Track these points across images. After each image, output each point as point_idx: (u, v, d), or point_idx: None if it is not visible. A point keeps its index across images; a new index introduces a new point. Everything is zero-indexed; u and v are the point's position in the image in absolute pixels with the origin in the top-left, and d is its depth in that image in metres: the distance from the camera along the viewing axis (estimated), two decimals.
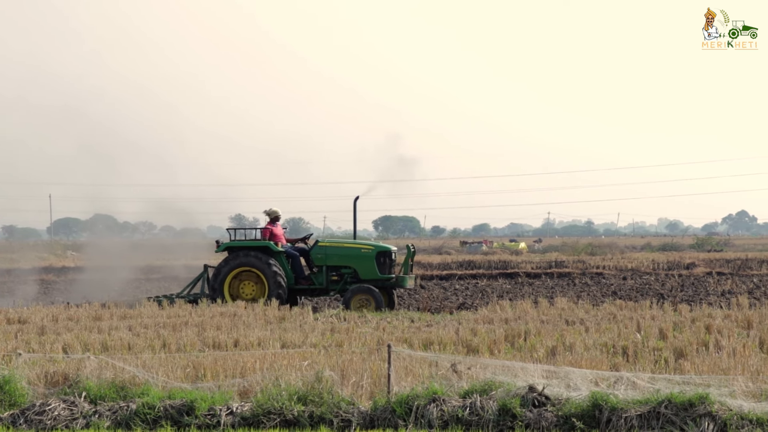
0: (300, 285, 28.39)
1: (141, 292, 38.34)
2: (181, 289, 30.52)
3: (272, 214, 28.77)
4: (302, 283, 28.41)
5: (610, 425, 12.05)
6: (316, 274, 28.52)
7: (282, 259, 28.09)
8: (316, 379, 13.29)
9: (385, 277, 28.14)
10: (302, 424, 12.70)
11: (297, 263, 28.48)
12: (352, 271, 28.28)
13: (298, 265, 28.47)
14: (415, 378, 13.91)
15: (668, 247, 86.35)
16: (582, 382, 13.10)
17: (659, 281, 39.09)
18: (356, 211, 29.39)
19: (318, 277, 28.43)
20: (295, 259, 28.44)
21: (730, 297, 28.90)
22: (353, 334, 20.24)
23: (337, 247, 28.80)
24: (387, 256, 28.50)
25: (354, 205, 29.36)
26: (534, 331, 19.74)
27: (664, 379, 13.11)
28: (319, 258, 28.45)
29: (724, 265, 49.11)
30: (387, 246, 29.12)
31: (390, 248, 28.88)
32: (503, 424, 12.34)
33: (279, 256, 28.09)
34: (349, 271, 28.30)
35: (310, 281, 28.46)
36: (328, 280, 28.38)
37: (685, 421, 11.86)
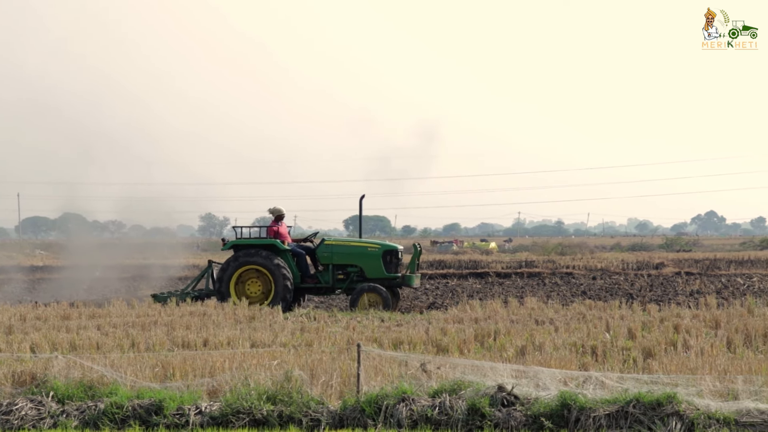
0: (306, 284, 28.25)
1: (110, 291, 38.17)
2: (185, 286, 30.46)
3: (276, 213, 28.68)
4: (308, 282, 28.27)
5: (578, 425, 12.09)
6: (322, 273, 28.40)
7: (288, 258, 27.94)
8: (285, 379, 13.27)
9: (391, 276, 28.06)
10: (271, 423, 12.68)
11: (303, 262, 28.33)
12: (358, 270, 28.18)
13: (303, 264, 28.33)
14: (385, 377, 13.90)
15: (637, 247, 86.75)
16: (551, 381, 13.13)
17: (628, 281, 39.24)
18: (362, 210, 29.33)
19: (324, 276, 28.31)
20: (300, 258, 28.29)
21: (698, 297, 29.04)
22: (323, 333, 20.22)
23: (344, 246, 28.73)
24: (393, 254, 28.44)
25: (360, 204, 29.29)
26: (504, 330, 19.78)
27: (633, 378, 13.17)
28: (325, 256, 28.33)
29: (693, 265, 49.33)
30: (394, 245, 29.05)
31: (397, 247, 28.83)
32: (472, 423, 12.36)
33: (285, 255, 27.93)
34: (356, 269, 28.20)
35: (316, 280, 28.33)
36: (334, 279, 28.26)
37: (653, 421, 11.91)
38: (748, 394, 12.39)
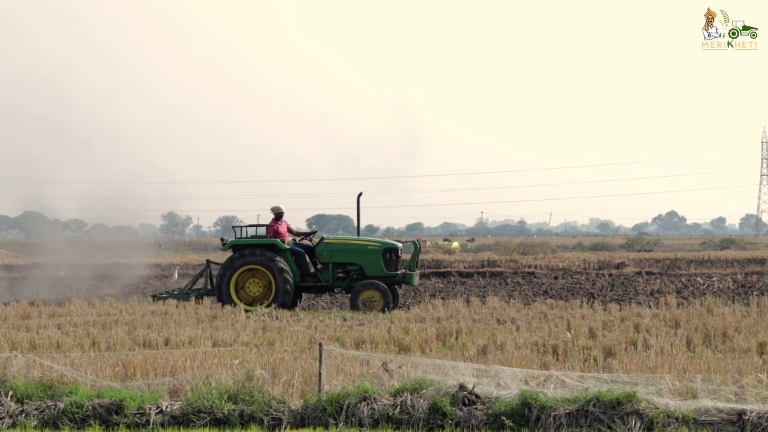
0: (306, 282, 28.11)
1: (72, 290, 37.95)
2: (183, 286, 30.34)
3: (275, 211, 28.58)
4: (308, 281, 28.13)
5: (539, 423, 12.14)
6: (322, 271, 28.26)
7: (288, 257, 27.80)
8: (246, 378, 13.24)
9: (391, 274, 27.95)
10: (232, 422, 12.65)
11: (302, 260, 28.18)
12: (358, 268, 28.05)
13: (303, 263, 28.19)
14: (347, 377, 13.91)
15: (599, 247, 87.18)
16: (512, 380, 13.17)
17: (590, 281, 39.43)
18: (360, 208, 29.25)
19: (323, 274, 28.17)
20: (300, 257, 28.14)
21: (658, 296, 29.23)
22: (285, 332, 20.21)
23: (343, 244, 28.64)
24: (393, 252, 28.36)
25: (357, 202, 29.21)
26: (465, 329, 19.83)
27: (593, 377, 13.23)
28: (324, 255, 28.19)
29: (654, 264, 49.65)
30: (393, 242, 28.98)
31: (396, 245, 28.76)
32: (433, 422, 12.39)
33: (285, 254, 27.79)
34: (355, 267, 28.07)
35: (316, 278, 28.19)
36: (334, 277, 28.11)
37: (613, 419, 11.98)
38: (707, 393, 12.48)
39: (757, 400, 12.26)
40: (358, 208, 29.19)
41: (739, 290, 32.65)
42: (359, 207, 29.11)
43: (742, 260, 52.67)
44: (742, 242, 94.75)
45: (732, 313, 22.52)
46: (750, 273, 42.68)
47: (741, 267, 47.12)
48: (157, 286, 38.69)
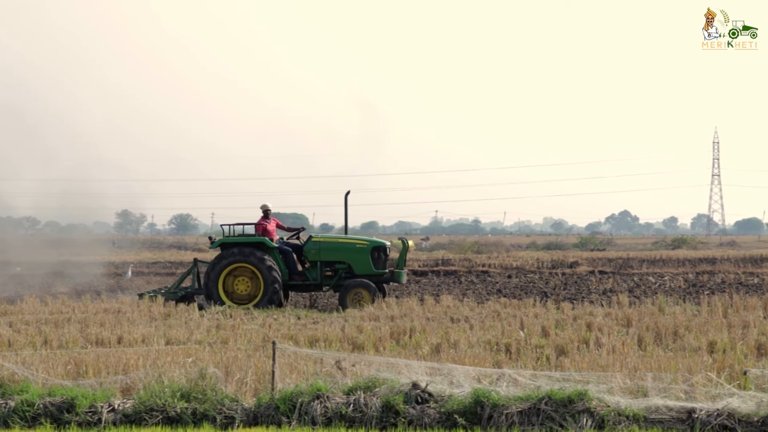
0: (294, 281, 28.01)
1: (23, 288, 37.64)
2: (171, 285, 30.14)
3: (263, 209, 28.47)
4: (296, 279, 28.03)
5: (491, 422, 12.20)
6: (310, 270, 28.19)
7: (276, 255, 27.70)
8: (199, 376, 13.21)
9: (379, 272, 27.97)
10: (185, 421, 12.62)
11: (290, 259, 28.07)
12: (346, 267, 28.03)
13: (291, 261, 28.07)
14: (300, 375, 13.92)
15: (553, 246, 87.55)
16: (465, 378, 13.23)
17: (543, 279, 39.62)
18: (347, 206, 29.15)
19: (312, 273, 28.09)
20: (288, 255, 28.04)
21: (611, 295, 29.42)
22: (239, 330, 20.18)
23: (331, 242, 28.54)
24: (381, 250, 28.37)
25: (345, 200, 29.11)
26: (419, 328, 19.88)
27: (545, 376, 13.31)
28: (312, 253, 28.12)
29: (606, 264, 49.96)
30: (382, 241, 28.99)
31: (385, 243, 28.76)
32: (386, 420, 12.42)
33: (273, 252, 27.70)
34: (344, 266, 28.04)
35: (304, 277, 28.12)
36: (322, 276, 28.05)
37: (565, 418, 12.07)
38: (657, 391, 12.60)
39: (706, 399, 12.39)
40: (345, 207, 29.14)
41: (690, 289, 32.93)
42: (347, 205, 29.07)
43: (693, 260, 53.16)
44: (693, 242, 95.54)
45: (683, 312, 22.73)
46: (701, 272, 43.05)
47: (692, 266, 47.53)
48: (111, 284, 38.45)
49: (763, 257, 54.88)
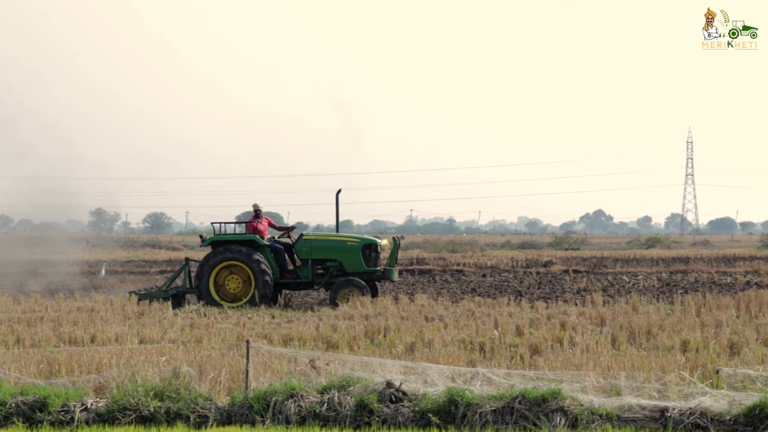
0: (285, 279, 27.99)
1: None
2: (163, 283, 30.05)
3: (255, 208, 28.41)
4: (287, 277, 28.02)
5: (465, 420, 12.21)
6: (301, 268, 28.17)
7: (267, 253, 27.66)
8: (173, 375, 13.17)
9: (371, 270, 27.99)
10: (158, 420, 12.58)
11: (281, 257, 28.05)
12: (337, 264, 28.03)
13: (282, 259, 28.06)
14: (274, 374, 13.90)
15: (527, 245, 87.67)
16: (439, 377, 13.24)
17: (517, 278, 39.69)
18: (338, 204, 29.09)
19: (303, 271, 28.08)
20: (279, 253, 28.02)
21: (585, 294, 29.50)
22: (213, 329, 20.15)
23: (323, 240, 28.48)
24: (373, 248, 28.41)
25: (336, 198, 29.05)
26: (394, 327, 19.89)
27: (519, 375, 13.34)
28: (304, 251, 28.10)
29: (581, 263, 50.10)
30: (373, 238, 29.01)
31: (376, 241, 28.79)
32: (360, 419, 12.41)
33: (264, 250, 27.66)
34: (335, 264, 28.03)
35: (296, 275, 28.09)
36: (314, 274, 28.03)
37: (538, 416, 12.09)
38: (631, 390, 12.64)
39: (679, 398, 12.44)
40: (336, 205, 29.12)
41: (663, 289, 33.06)
42: (338, 203, 29.04)
43: (667, 259, 53.37)
44: (667, 241, 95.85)
45: (656, 311, 22.82)
46: (674, 272, 43.21)
47: (666, 266, 47.71)
48: (84, 283, 38.30)
49: (736, 257, 55.17)
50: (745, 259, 52.54)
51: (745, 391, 12.65)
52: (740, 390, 12.91)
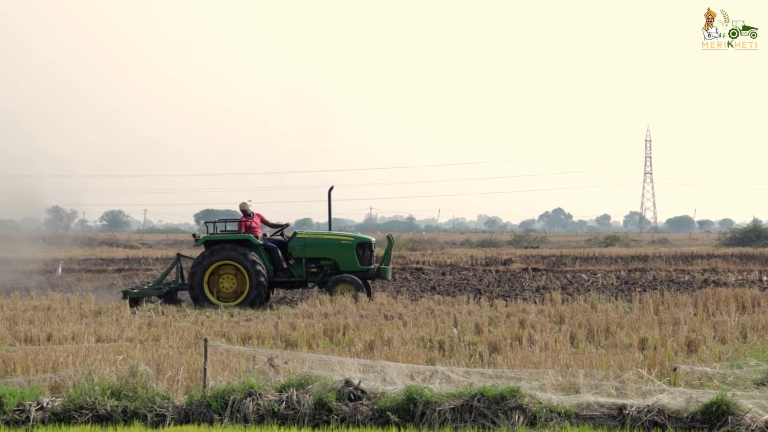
0: (279, 278, 27.80)
1: None
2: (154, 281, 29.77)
3: (242, 208, 28.22)
4: (281, 276, 27.82)
5: (424, 418, 12.19)
6: (295, 267, 28.00)
7: (261, 252, 27.48)
8: (130, 374, 13.07)
9: (365, 269, 27.89)
10: (115, 419, 12.47)
11: (275, 256, 27.85)
12: (331, 263, 27.88)
13: (276, 258, 27.85)
14: (232, 372, 13.83)
15: (487, 244, 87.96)
16: (398, 376, 13.22)
17: (477, 277, 39.75)
18: (331, 202, 28.95)
19: (297, 270, 27.89)
20: (273, 252, 27.83)
21: (544, 292, 29.58)
22: (171, 328, 20.04)
23: (316, 239, 28.31)
24: (367, 247, 28.28)
25: (329, 196, 28.93)
26: (353, 325, 19.86)
27: (478, 372, 13.34)
28: (297, 250, 27.93)
29: (540, 261, 50.29)
30: (367, 237, 28.86)
31: (370, 239, 28.67)
32: (319, 418, 12.36)
33: (258, 249, 27.48)
34: (329, 262, 27.88)
35: (289, 273, 27.90)
36: (308, 272, 27.87)
37: (497, 414, 12.09)
38: (589, 387, 12.68)
39: (637, 395, 12.49)
40: (329, 202, 29.02)
41: (622, 287, 33.21)
42: (330, 201, 28.96)
43: (625, 257, 53.66)
44: (626, 239, 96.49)
45: (615, 309, 22.92)
46: (633, 270, 43.45)
47: (624, 264, 47.98)
48: (41, 281, 37.99)
49: (694, 255, 55.56)
50: (702, 257, 52.91)
51: (702, 389, 12.73)
52: (697, 387, 13.00)
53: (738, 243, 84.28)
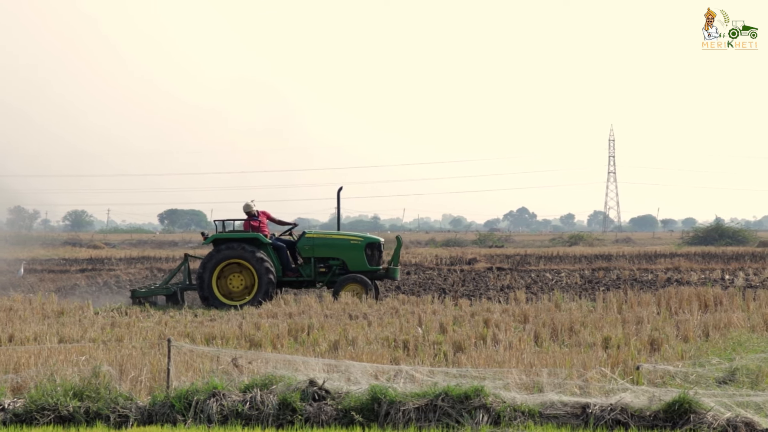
0: (287, 277, 27.77)
1: None
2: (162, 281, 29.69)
3: (246, 209, 28.11)
4: (290, 275, 27.80)
5: (388, 418, 12.18)
6: (303, 266, 27.98)
7: (270, 251, 27.44)
8: (93, 375, 12.98)
9: (373, 269, 27.87)
10: (78, 420, 12.39)
11: (284, 255, 27.83)
12: (340, 263, 27.87)
13: (285, 257, 27.83)
14: (196, 373, 13.77)
15: (451, 243, 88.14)
16: (362, 375, 13.20)
17: (442, 276, 39.79)
18: (340, 202, 28.87)
19: (305, 269, 27.89)
20: (281, 251, 27.80)
21: (508, 292, 29.65)
22: (134, 328, 19.95)
23: (325, 239, 28.31)
24: (376, 247, 28.29)
25: (338, 196, 28.90)
26: (317, 325, 19.84)
27: (442, 372, 13.35)
28: (306, 249, 27.92)
29: (504, 260, 50.41)
30: (376, 237, 28.88)
31: (379, 240, 28.68)
32: (283, 418, 12.33)
33: (267, 248, 27.43)
34: (337, 262, 27.88)
35: (298, 273, 27.89)
36: (316, 272, 27.87)
37: (461, 414, 12.10)
38: (552, 386, 12.71)
39: (600, 394, 12.53)
40: (338, 203, 28.99)
41: (586, 286, 33.35)
42: (339, 201, 28.94)
43: (589, 256, 53.87)
44: (590, 238, 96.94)
45: (579, 308, 23.01)
46: (597, 269, 43.65)
47: (588, 263, 48.19)
48: (2, 281, 37.70)
49: (657, 254, 55.86)
50: (665, 256, 53.23)
51: (665, 387, 12.80)
52: (660, 386, 13.06)
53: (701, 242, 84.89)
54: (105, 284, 36.84)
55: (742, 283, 33.80)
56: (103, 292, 33.45)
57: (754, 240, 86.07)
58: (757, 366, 14.34)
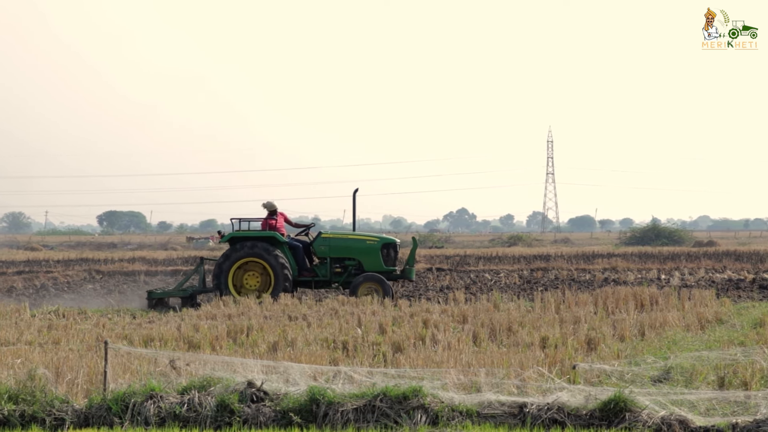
0: (303, 277, 27.82)
1: None
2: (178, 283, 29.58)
3: (270, 208, 27.95)
4: (305, 275, 27.85)
5: (327, 419, 12.19)
6: (319, 266, 28.03)
7: (286, 250, 27.46)
8: (28, 378, 12.87)
9: (389, 270, 27.88)
10: (13, 423, 12.28)
11: (300, 254, 27.88)
12: (356, 263, 27.92)
13: (300, 257, 27.89)
14: (133, 375, 13.69)
15: None
16: (301, 377, 13.21)
17: None
18: (355, 203, 28.85)
19: (321, 269, 27.95)
20: (297, 251, 27.85)
21: (448, 292, 29.76)
22: (71, 331, 19.79)
23: (341, 239, 28.34)
24: (392, 248, 28.32)
25: (353, 198, 28.90)
26: (257, 326, 19.80)
27: (381, 372, 13.37)
28: (322, 250, 28.01)
29: (444, 261, 50.58)
30: (392, 238, 28.94)
31: (395, 240, 28.72)
32: (221, 420, 12.30)
33: (283, 247, 27.47)
34: (353, 263, 27.93)
35: (314, 273, 27.94)
36: (332, 272, 27.93)
37: (399, 414, 12.14)
38: (490, 386, 12.78)
39: (537, 393, 12.63)
40: (354, 204, 28.96)
41: (524, 286, 33.58)
42: (355, 203, 28.89)
43: (528, 256, 54.19)
44: (529, 239, 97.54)
45: (517, 308, 23.15)
46: (535, 269, 43.93)
47: (527, 263, 48.48)
48: None
49: (594, 254, 56.32)
50: (603, 256, 53.67)
51: (601, 386, 12.91)
52: (596, 385, 13.18)
53: (638, 242, 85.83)
54: (42, 286, 36.52)
55: (677, 282, 34.19)
56: (41, 294, 33.17)
57: (689, 240, 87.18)
58: (691, 364, 14.54)
